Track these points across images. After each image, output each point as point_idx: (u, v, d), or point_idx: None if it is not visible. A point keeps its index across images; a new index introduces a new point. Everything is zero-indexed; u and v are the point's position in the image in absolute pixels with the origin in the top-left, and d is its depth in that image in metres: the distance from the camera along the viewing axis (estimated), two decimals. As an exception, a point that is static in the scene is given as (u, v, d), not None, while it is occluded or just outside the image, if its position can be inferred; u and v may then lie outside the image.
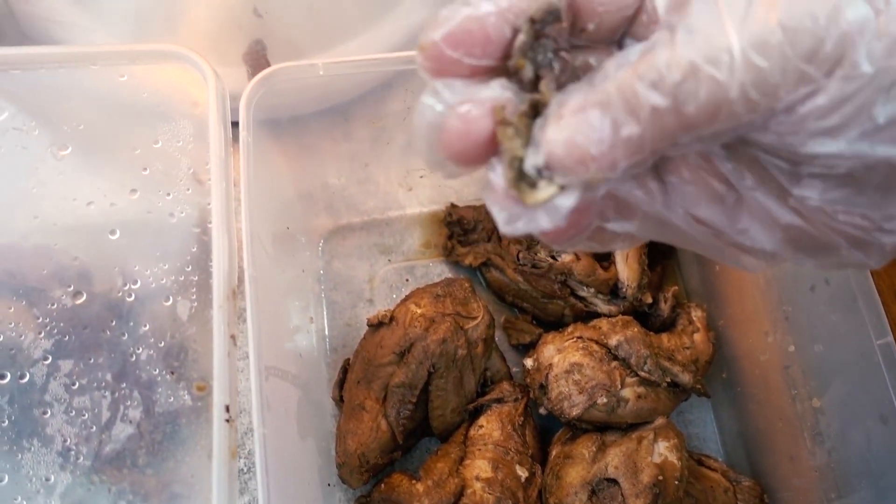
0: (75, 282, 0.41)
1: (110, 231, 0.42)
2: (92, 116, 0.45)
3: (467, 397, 0.54)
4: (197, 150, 0.44)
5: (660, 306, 0.58)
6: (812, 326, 0.49)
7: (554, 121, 0.20)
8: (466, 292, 0.55)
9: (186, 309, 0.41)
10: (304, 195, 0.62)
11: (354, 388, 0.53)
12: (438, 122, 0.21)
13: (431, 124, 0.21)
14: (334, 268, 0.61)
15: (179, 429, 0.38)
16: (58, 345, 0.39)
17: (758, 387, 0.55)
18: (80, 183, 0.43)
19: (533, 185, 0.21)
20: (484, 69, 0.21)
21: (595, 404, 0.50)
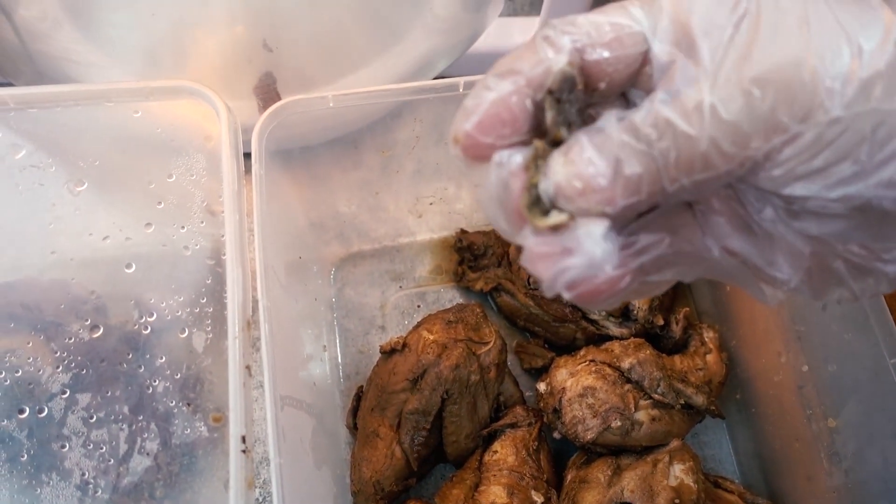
0: (92, 315, 0.41)
1: (126, 264, 0.43)
2: (107, 152, 0.46)
3: (481, 423, 0.54)
4: (210, 183, 0.45)
5: (671, 328, 0.58)
6: (825, 346, 0.49)
7: (562, 154, 0.21)
8: (478, 317, 0.55)
9: (202, 340, 0.41)
10: (315, 224, 0.62)
11: (368, 416, 0.53)
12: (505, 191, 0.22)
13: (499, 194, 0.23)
14: (346, 295, 0.62)
15: (196, 460, 0.39)
16: (75, 378, 0.40)
17: (772, 407, 0.55)
18: (96, 218, 0.44)
19: (545, 213, 0.22)
20: (517, 142, 0.23)
21: (609, 428, 0.50)
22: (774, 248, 0.24)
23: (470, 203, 0.65)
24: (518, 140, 0.23)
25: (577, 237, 0.22)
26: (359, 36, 0.65)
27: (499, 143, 0.22)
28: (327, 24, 0.63)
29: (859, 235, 0.23)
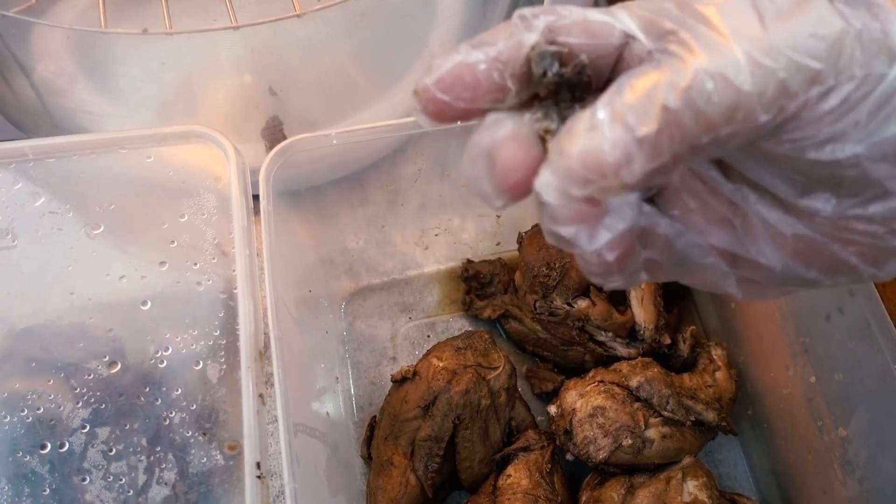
0: (110, 353, 0.43)
1: (142, 302, 0.45)
2: (122, 196, 0.48)
3: (494, 447, 0.54)
4: (221, 222, 0.47)
5: (679, 347, 0.58)
6: (831, 356, 0.50)
7: (566, 136, 0.21)
8: (486, 343, 0.56)
9: (216, 372, 0.42)
10: (325, 260, 0.64)
11: (382, 445, 0.54)
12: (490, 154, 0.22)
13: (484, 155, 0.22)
14: (357, 328, 0.63)
15: (213, 488, 0.40)
16: (95, 413, 0.41)
17: (784, 421, 0.55)
18: (112, 259, 0.46)
19: None
20: (476, 111, 0.23)
21: (621, 446, 0.51)
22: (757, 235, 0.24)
23: (475, 233, 0.66)
24: (475, 107, 0.22)
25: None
26: (360, 78, 0.68)
27: (456, 105, 0.22)
28: (329, 68, 0.65)
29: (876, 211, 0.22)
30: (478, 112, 0.23)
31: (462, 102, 0.22)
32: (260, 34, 0.62)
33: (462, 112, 0.23)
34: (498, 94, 0.23)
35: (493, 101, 0.23)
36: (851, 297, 0.47)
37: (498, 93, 0.23)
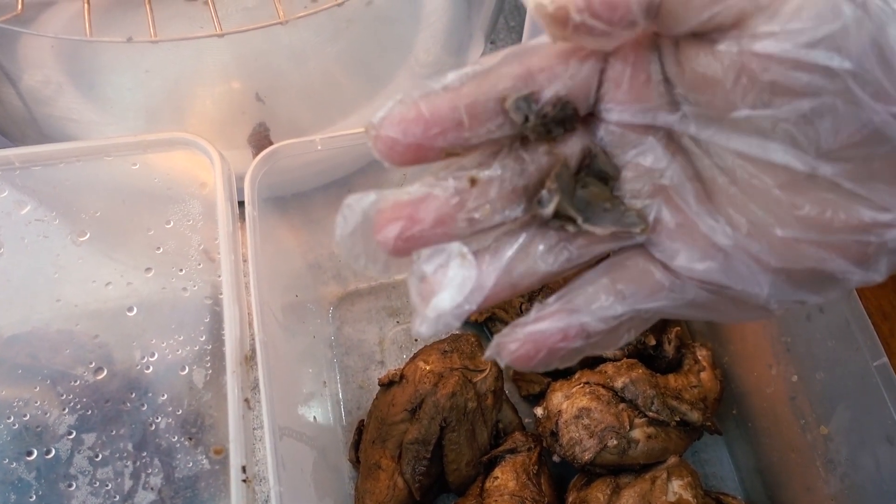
0: (96, 359, 0.43)
1: (128, 309, 0.45)
2: (107, 203, 0.48)
3: (481, 450, 0.55)
4: (206, 228, 0.47)
5: (664, 348, 0.59)
6: (812, 355, 0.50)
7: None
8: (473, 346, 0.56)
9: (201, 377, 0.43)
10: (312, 265, 0.64)
11: (370, 448, 0.54)
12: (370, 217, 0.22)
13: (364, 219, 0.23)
14: (345, 333, 0.63)
15: (199, 493, 0.40)
16: (81, 419, 0.41)
17: (768, 420, 0.55)
18: (98, 266, 0.46)
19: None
20: (431, 149, 0.22)
21: (606, 447, 0.51)
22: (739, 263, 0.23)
23: (462, 237, 0.67)
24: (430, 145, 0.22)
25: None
26: (346, 85, 0.68)
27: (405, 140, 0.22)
28: (315, 74, 0.66)
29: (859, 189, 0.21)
30: (434, 152, 0.22)
31: (410, 138, 0.22)
32: (246, 41, 0.63)
33: (413, 149, 0.22)
34: (450, 130, 0.22)
35: (446, 137, 0.22)
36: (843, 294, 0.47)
37: (450, 128, 0.22)
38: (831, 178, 0.21)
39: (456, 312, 0.23)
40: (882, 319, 0.50)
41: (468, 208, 0.23)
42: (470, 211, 0.23)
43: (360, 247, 0.23)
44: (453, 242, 0.23)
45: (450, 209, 0.23)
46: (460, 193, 0.23)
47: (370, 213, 0.23)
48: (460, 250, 0.23)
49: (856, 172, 0.21)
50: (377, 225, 0.22)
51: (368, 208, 0.23)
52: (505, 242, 0.24)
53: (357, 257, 0.23)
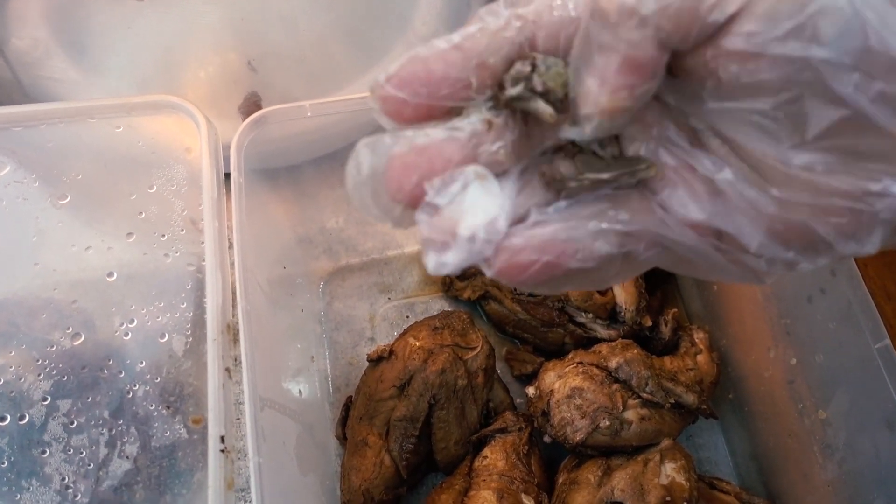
0: (74, 324, 0.42)
1: (108, 274, 0.44)
2: (89, 166, 0.46)
3: (470, 428, 0.53)
4: (191, 194, 0.46)
5: (660, 329, 0.58)
6: (812, 338, 0.49)
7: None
8: (464, 323, 0.55)
9: (181, 345, 0.41)
10: (303, 239, 0.63)
11: (357, 425, 0.53)
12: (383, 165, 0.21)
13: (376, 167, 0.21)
14: (335, 308, 0.62)
15: (176, 462, 0.39)
16: (57, 385, 0.40)
17: (765, 404, 0.54)
18: (78, 230, 0.44)
19: None
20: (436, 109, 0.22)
21: (598, 428, 0.50)
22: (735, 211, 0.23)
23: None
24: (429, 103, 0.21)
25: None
26: (341, 55, 0.67)
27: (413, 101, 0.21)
28: (309, 44, 0.64)
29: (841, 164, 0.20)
30: (441, 111, 0.21)
31: (419, 98, 0.21)
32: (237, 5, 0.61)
33: (422, 109, 0.21)
34: (459, 91, 0.21)
35: (455, 98, 0.21)
36: (833, 278, 0.46)
37: (459, 88, 0.21)
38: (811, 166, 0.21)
39: (489, 235, 0.21)
40: (885, 300, 0.49)
41: (489, 150, 0.22)
42: (491, 153, 0.22)
43: (373, 196, 0.21)
44: (468, 166, 0.21)
45: (471, 151, 0.21)
46: (479, 136, 0.22)
47: (384, 159, 0.21)
48: (477, 171, 0.21)
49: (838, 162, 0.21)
50: (392, 171, 0.21)
51: (384, 153, 0.21)
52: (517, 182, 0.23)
53: (370, 208, 0.22)
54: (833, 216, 0.21)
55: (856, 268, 0.45)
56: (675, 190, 0.24)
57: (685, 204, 0.23)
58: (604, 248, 0.23)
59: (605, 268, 0.24)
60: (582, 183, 0.23)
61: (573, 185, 0.23)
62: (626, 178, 0.23)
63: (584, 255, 0.23)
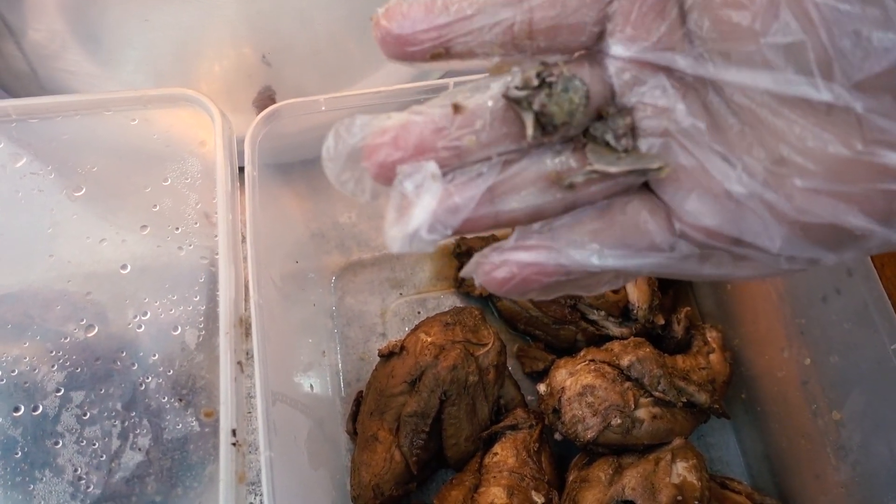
0: (88, 316, 0.42)
1: (122, 266, 0.44)
2: (104, 159, 0.47)
3: (481, 425, 0.53)
4: (205, 187, 0.46)
5: (673, 328, 0.57)
6: (827, 338, 0.49)
7: None
8: (476, 320, 0.55)
9: (194, 338, 0.41)
10: (315, 234, 0.63)
11: (367, 420, 0.53)
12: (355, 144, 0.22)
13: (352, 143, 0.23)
14: (347, 303, 0.62)
15: (188, 455, 0.39)
16: (70, 377, 0.40)
17: (778, 405, 0.54)
18: (93, 222, 0.45)
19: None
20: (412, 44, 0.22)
21: (609, 426, 0.50)
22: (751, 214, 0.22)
23: (469, 210, 0.65)
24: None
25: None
26: (355, 49, 0.66)
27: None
28: (324, 38, 0.64)
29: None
30: (421, 50, 0.22)
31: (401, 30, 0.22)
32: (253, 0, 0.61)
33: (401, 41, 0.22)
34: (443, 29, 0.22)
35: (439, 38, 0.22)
36: (849, 278, 0.45)
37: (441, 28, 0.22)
38: (862, 112, 0.19)
39: (427, 234, 0.22)
40: (903, 301, 0.48)
41: (450, 136, 0.22)
42: (452, 139, 0.22)
43: (347, 172, 0.23)
44: (427, 162, 0.22)
45: (430, 136, 0.22)
46: (443, 120, 0.22)
47: (357, 138, 0.22)
48: (431, 168, 0.22)
49: (888, 108, 0.19)
50: (363, 150, 0.22)
51: (356, 132, 0.22)
52: (495, 167, 0.23)
53: (344, 183, 0.23)
54: (863, 204, 0.20)
55: (872, 267, 0.44)
56: (686, 193, 0.23)
57: (700, 208, 0.22)
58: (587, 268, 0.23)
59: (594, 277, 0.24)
60: (590, 177, 0.23)
61: (580, 178, 0.23)
62: (635, 175, 0.23)
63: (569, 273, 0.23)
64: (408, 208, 0.22)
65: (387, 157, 0.22)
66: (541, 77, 0.22)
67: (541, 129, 0.22)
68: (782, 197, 0.21)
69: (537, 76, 0.22)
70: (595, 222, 0.23)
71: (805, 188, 0.21)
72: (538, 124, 0.22)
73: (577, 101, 0.22)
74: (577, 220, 0.23)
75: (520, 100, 0.22)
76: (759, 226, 0.22)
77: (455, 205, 0.22)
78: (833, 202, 0.21)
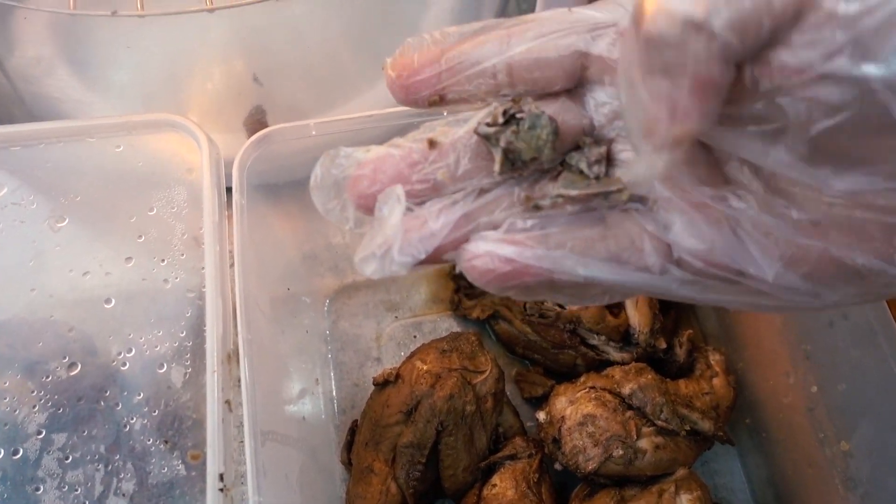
0: (70, 353, 0.40)
1: (105, 300, 0.42)
2: (89, 187, 0.45)
3: (479, 455, 0.52)
4: (192, 216, 0.44)
5: (675, 351, 0.56)
6: (833, 365, 0.47)
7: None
8: (473, 346, 0.54)
9: (181, 375, 0.40)
10: (308, 256, 0.62)
11: (362, 451, 0.52)
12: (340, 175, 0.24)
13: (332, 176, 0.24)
14: (341, 327, 0.61)
15: (174, 500, 0.37)
16: (52, 418, 0.39)
17: (783, 431, 0.52)
18: (76, 254, 0.43)
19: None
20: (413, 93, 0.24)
21: (611, 457, 0.48)
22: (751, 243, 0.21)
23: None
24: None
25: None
26: (350, 65, 0.65)
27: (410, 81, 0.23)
28: (316, 55, 0.63)
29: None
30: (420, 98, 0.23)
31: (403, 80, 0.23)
32: (242, 17, 0.60)
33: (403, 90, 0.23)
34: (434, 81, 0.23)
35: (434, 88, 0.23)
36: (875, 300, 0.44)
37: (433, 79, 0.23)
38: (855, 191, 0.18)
39: (399, 255, 0.22)
40: (913, 331, 0.47)
41: (425, 170, 0.23)
42: (426, 173, 0.23)
43: (333, 201, 0.24)
44: (395, 186, 0.23)
45: (405, 169, 0.23)
46: (418, 154, 0.23)
47: (341, 170, 0.24)
48: (397, 191, 0.23)
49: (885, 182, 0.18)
50: (346, 182, 0.24)
51: (340, 163, 0.24)
52: (469, 195, 0.23)
53: (330, 211, 0.25)
54: (868, 239, 0.19)
55: (881, 295, 0.43)
56: (672, 215, 0.22)
57: (687, 234, 0.22)
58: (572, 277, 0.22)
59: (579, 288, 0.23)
60: (555, 200, 0.23)
61: (546, 202, 0.23)
62: (599, 199, 0.23)
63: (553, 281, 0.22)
64: (378, 230, 0.23)
65: (366, 189, 0.23)
66: (508, 114, 0.22)
67: (510, 164, 0.23)
68: (780, 225, 0.20)
69: (504, 113, 0.22)
70: (588, 230, 0.23)
71: (801, 220, 0.20)
72: (506, 160, 0.23)
73: (544, 137, 0.22)
74: (572, 224, 0.23)
75: (489, 136, 0.23)
76: (753, 255, 0.21)
77: (430, 231, 0.22)
78: (836, 235, 0.19)
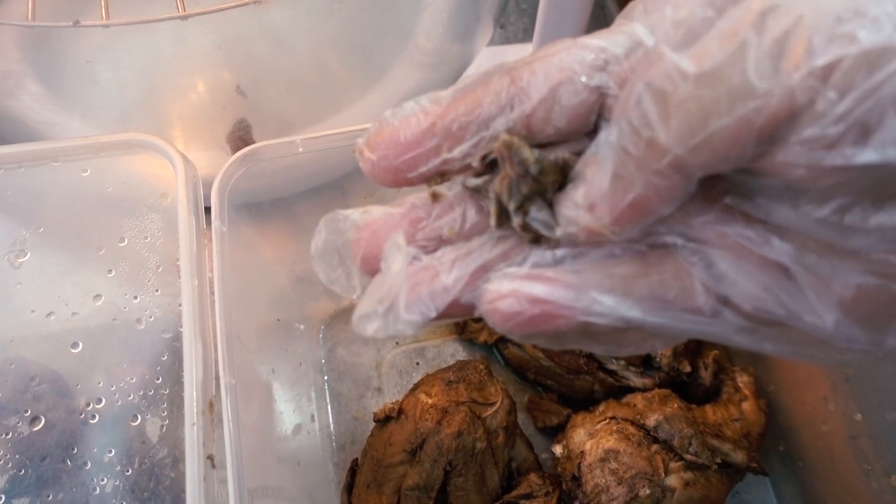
0: (32, 406, 0.36)
1: (72, 344, 0.38)
2: (53, 217, 0.41)
3: (491, 495, 0.47)
4: (167, 245, 0.40)
5: (700, 374, 0.52)
6: (878, 391, 0.43)
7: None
8: (482, 375, 0.49)
9: (157, 428, 0.36)
10: (301, 279, 0.57)
11: (364, 493, 0.47)
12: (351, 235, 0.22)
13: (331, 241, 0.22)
14: (338, 356, 0.56)
15: (150, 574, 0.33)
16: (12, 481, 0.34)
17: (822, 461, 0.48)
18: (39, 292, 0.39)
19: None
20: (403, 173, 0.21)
21: (637, 497, 0.44)
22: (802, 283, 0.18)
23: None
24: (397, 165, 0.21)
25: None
26: (339, 75, 0.61)
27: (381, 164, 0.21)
28: (304, 64, 0.59)
29: None
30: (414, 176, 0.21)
31: (387, 161, 0.21)
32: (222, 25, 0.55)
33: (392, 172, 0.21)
34: (430, 156, 0.20)
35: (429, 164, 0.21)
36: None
37: (429, 154, 0.20)
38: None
39: (406, 313, 0.20)
40: (975, 356, 0.42)
41: (429, 227, 0.21)
42: (431, 230, 0.21)
43: (337, 269, 0.23)
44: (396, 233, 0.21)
45: (409, 228, 0.21)
46: (421, 210, 0.22)
47: (341, 235, 0.22)
48: (397, 240, 0.21)
49: None
50: (352, 246, 0.22)
51: (340, 228, 0.22)
52: (486, 243, 0.21)
53: (334, 281, 0.23)
54: None
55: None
56: (719, 261, 0.19)
57: (738, 283, 0.19)
58: (611, 319, 0.19)
59: (617, 334, 0.21)
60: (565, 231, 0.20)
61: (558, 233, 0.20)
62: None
63: (587, 326, 0.19)
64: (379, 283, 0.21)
65: (369, 252, 0.22)
66: (486, 160, 0.20)
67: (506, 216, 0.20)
68: (835, 267, 0.18)
69: (482, 159, 0.20)
70: (627, 266, 0.20)
71: (854, 248, 0.17)
72: (502, 212, 0.20)
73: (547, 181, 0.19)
74: (606, 259, 0.20)
75: (478, 189, 0.20)
76: (810, 303, 0.18)
77: (442, 286, 0.20)
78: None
